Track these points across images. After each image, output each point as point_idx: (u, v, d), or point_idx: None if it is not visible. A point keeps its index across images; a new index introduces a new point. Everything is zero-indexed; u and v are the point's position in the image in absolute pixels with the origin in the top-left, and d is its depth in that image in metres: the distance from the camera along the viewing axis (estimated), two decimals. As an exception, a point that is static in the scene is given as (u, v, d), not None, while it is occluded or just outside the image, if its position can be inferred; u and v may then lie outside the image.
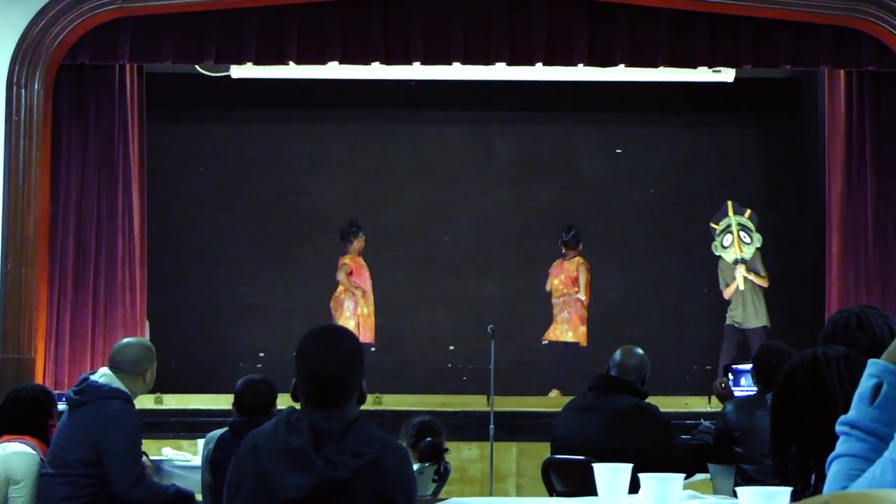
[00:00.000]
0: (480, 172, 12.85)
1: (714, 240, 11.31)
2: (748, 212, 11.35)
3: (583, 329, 11.48)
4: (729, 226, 11.32)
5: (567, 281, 11.50)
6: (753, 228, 11.26)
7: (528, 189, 12.81)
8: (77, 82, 10.40)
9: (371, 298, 11.59)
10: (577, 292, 11.45)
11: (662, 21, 10.23)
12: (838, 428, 2.13)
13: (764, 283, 11.19)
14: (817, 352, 2.53)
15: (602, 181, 12.83)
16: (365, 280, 11.60)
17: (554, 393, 11.29)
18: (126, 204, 10.53)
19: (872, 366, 2.12)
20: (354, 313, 11.38)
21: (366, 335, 11.25)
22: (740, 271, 11.13)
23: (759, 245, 11.23)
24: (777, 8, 10.10)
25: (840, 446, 2.12)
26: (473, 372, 11.69)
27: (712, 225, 11.38)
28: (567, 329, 11.43)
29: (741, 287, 11.12)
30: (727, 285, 11.24)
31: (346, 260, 11.60)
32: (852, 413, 2.11)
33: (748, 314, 11.11)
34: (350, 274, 11.51)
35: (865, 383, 2.11)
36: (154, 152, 11.34)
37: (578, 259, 11.56)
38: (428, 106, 12.66)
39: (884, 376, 2.09)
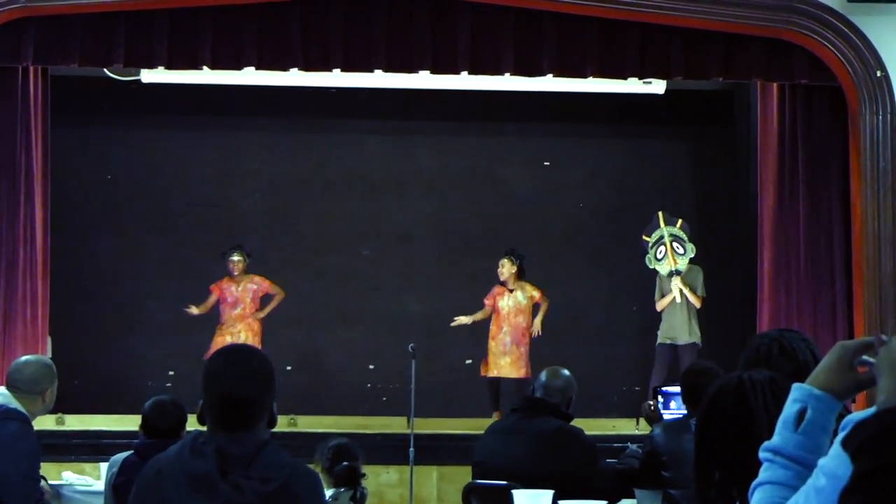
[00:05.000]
0: (402, 184, 12.85)
1: (647, 252, 11.37)
2: (679, 221, 11.44)
3: (528, 364, 11.35)
4: (661, 237, 11.40)
5: (518, 311, 11.36)
6: (686, 238, 11.37)
7: (453, 202, 12.83)
8: (-24, 85, 10.28)
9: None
10: (529, 325, 11.32)
11: (591, 30, 10.31)
12: (762, 454, 2.14)
13: (697, 303, 11.26)
14: (742, 375, 2.55)
15: (529, 194, 12.88)
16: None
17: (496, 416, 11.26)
18: (28, 213, 10.39)
19: (797, 390, 2.14)
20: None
21: None
22: (676, 283, 11.21)
23: (692, 255, 11.32)
24: (708, 19, 10.22)
25: (763, 473, 2.14)
26: (393, 392, 11.68)
27: (644, 238, 11.44)
28: (521, 366, 11.28)
29: (678, 299, 11.19)
30: (662, 296, 11.28)
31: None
32: (776, 439, 2.13)
33: (679, 329, 11.14)
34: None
35: (790, 408, 2.13)
36: (59, 159, 11.22)
37: (530, 287, 11.43)
38: (348, 114, 12.65)
39: (808, 401, 2.12)
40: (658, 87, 12.03)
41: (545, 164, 13.02)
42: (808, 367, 3.28)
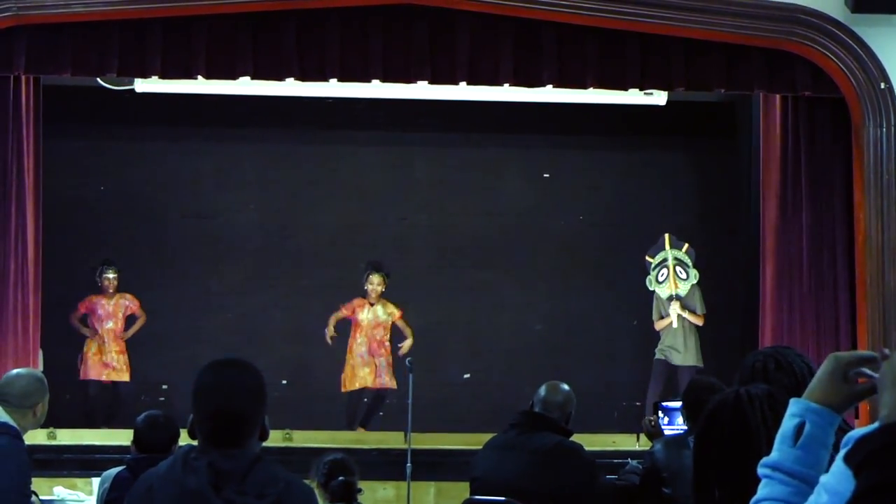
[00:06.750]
0: (399, 195, 12.85)
1: (649, 273, 11.40)
2: (685, 246, 11.46)
3: (390, 375, 11.35)
4: (665, 260, 11.42)
5: (377, 324, 11.35)
6: (690, 264, 11.39)
7: (450, 214, 12.83)
8: (-33, 94, 10.27)
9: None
10: (385, 339, 11.33)
11: (591, 40, 10.31)
12: (760, 470, 2.15)
13: (699, 322, 11.29)
14: (740, 391, 2.55)
15: (528, 207, 12.89)
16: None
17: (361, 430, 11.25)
18: (20, 225, 10.37)
19: (795, 405, 2.14)
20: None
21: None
22: (675, 308, 11.24)
23: (695, 281, 11.34)
24: (710, 29, 10.23)
25: (762, 489, 2.14)
26: (390, 407, 11.66)
27: (647, 258, 11.46)
28: (392, 378, 11.25)
29: (675, 325, 11.22)
30: (661, 317, 11.33)
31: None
32: (774, 454, 2.13)
33: (679, 351, 11.20)
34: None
35: (787, 423, 2.13)
36: (51, 170, 11.21)
37: (392, 305, 11.41)
38: (344, 125, 12.65)
39: (806, 415, 2.12)
40: (659, 98, 12.03)
41: (545, 175, 13.02)
42: (806, 381, 3.27)
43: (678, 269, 11.34)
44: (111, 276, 11.47)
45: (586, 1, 10.08)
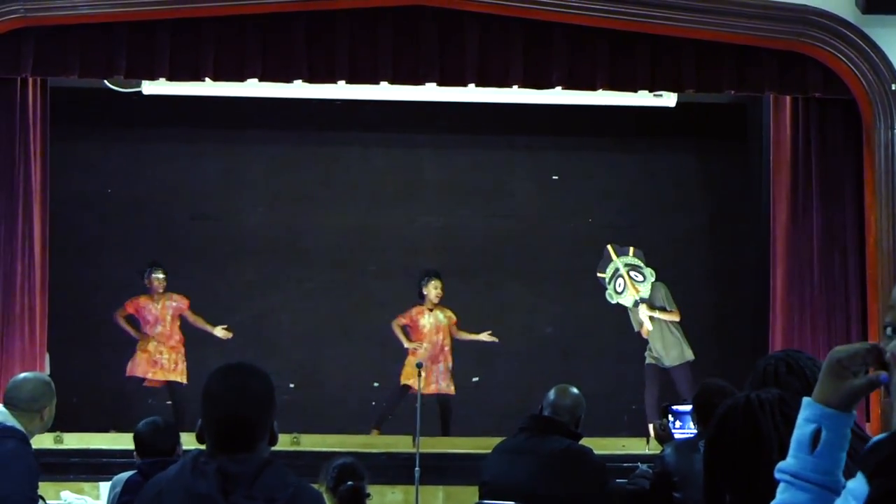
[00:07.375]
0: (408, 198, 12.86)
1: (606, 289, 11.50)
2: (632, 250, 11.58)
3: (448, 380, 11.44)
4: (617, 270, 11.53)
5: (438, 328, 11.39)
6: (642, 264, 11.49)
7: (459, 217, 12.83)
8: (-26, 96, 10.29)
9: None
10: (445, 344, 11.38)
11: (601, 42, 10.31)
12: (779, 475, 2.13)
13: (675, 318, 11.38)
14: (751, 395, 2.55)
15: (537, 209, 12.89)
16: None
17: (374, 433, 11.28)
18: (26, 227, 10.40)
19: (808, 408, 2.12)
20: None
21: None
22: (644, 312, 11.34)
23: (653, 279, 11.42)
24: (720, 31, 10.22)
25: (781, 494, 2.13)
26: (399, 410, 11.67)
27: (599, 275, 11.56)
28: (431, 381, 11.28)
29: (650, 328, 11.34)
30: (641, 325, 11.45)
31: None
32: (793, 462, 2.11)
33: (665, 352, 11.30)
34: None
35: (803, 429, 2.11)
36: (58, 172, 11.23)
37: (449, 311, 11.50)
38: (353, 127, 12.66)
39: (821, 421, 2.10)
40: (669, 100, 12.03)
41: (554, 178, 13.02)
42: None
43: (632, 273, 11.46)
44: (160, 276, 11.43)
45: (596, 2, 10.09)
